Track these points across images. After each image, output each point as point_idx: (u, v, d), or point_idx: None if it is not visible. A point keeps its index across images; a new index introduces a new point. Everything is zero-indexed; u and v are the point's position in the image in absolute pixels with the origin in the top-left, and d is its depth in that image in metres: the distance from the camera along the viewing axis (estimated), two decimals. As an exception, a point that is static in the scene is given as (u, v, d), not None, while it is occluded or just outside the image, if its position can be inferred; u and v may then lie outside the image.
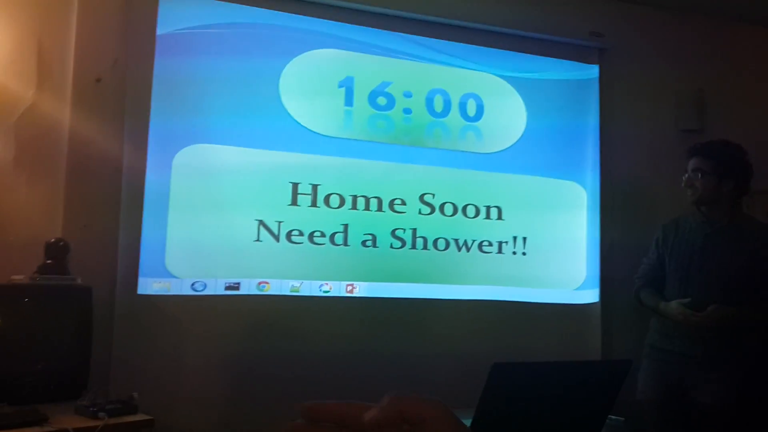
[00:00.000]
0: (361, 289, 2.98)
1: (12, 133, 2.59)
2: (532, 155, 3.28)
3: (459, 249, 3.11)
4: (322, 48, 3.02)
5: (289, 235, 2.89)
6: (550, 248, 3.27)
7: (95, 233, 2.62)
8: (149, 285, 2.68)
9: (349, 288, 2.96)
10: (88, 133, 2.69)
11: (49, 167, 2.64)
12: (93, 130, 2.70)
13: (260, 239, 2.84)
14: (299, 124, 2.95)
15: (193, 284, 2.75)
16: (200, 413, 2.64)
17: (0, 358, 2.19)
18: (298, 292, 2.88)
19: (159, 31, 2.79)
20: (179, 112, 2.80)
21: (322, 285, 2.92)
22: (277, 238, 2.87)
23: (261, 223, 2.85)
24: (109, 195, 2.67)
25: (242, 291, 2.81)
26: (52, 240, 2.44)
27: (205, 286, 2.76)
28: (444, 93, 3.18)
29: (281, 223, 2.88)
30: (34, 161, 2.62)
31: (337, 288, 2.94)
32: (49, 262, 2.41)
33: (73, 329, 2.35)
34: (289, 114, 2.94)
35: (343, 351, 2.89)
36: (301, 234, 2.90)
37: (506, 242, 3.19)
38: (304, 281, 2.89)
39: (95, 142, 2.68)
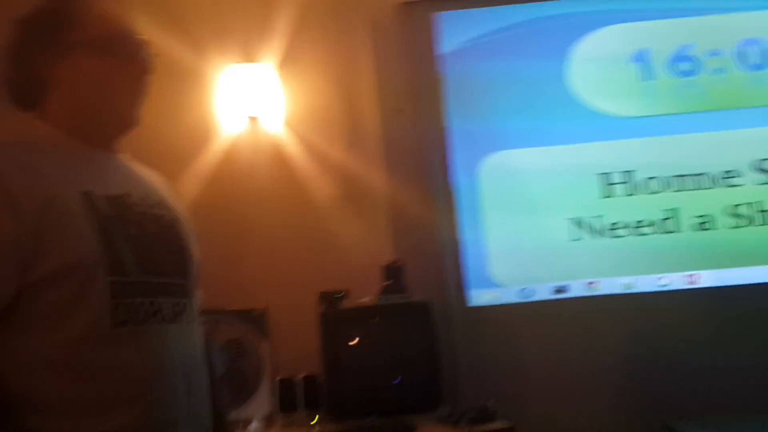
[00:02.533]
0: (705, 279, 2.67)
1: (335, 172, 2.82)
2: None
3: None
4: (605, 26, 2.85)
5: (610, 228, 2.72)
6: None
7: (422, 252, 2.72)
8: (479, 296, 2.70)
9: (691, 278, 2.67)
10: (399, 162, 2.83)
11: (371, 198, 2.81)
12: (402, 158, 2.84)
13: (580, 237, 2.71)
14: (596, 111, 2.80)
15: (520, 291, 2.71)
16: (554, 418, 2.54)
17: (365, 374, 2.34)
18: (631, 288, 2.68)
19: (444, 50, 2.86)
20: (477, 125, 2.83)
21: (659, 278, 2.67)
22: (598, 233, 2.71)
23: (577, 220, 2.73)
24: (427, 214, 2.76)
25: (571, 293, 2.69)
26: (389, 262, 2.57)
27: (533, 291, 2.70)
28: (758, 42, 2.79)
29: (600, 218, 2.72)
30: (358, 194, 2.81)
31: (676, 280, 2.68)
32: (389, 282, 2.54)
33: (421, 343, 2.43)
34: (583, 103, 2.80)
35: (691, 351, 2.60)
36: (624, 226, 2.71)
37: None
38: (637, 276, 2.68)
39: (406, 169, 2.82)
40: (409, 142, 2.86)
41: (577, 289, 2.70)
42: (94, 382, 1.04)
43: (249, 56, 2.77)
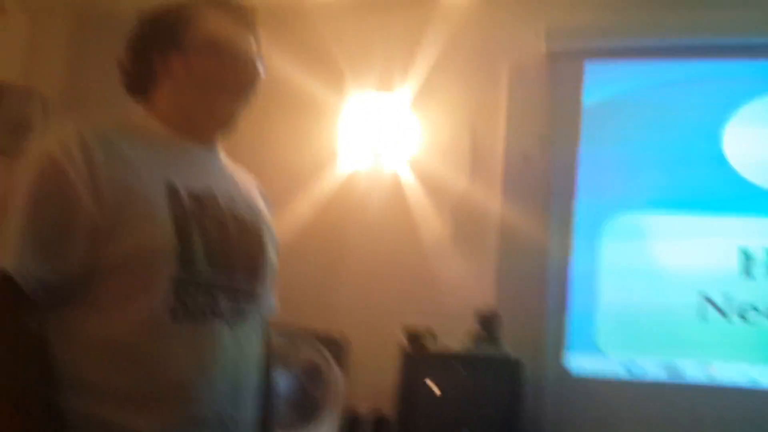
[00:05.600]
0: None
1: (450, 212, 2.76)
2: None
3: None
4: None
5: (740, 311, 2.41)
6: None
7: (525, 305, 2.58)
8: (578, 362, 2.51)
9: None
10: (517, 209, 2.72)
11: (481, 242, 2.72)
12: (521, 206, 2.73)
13: (704, 316, 2.44)
14: (748, 182, 2.51)
15: (626, 364, 2.47)
16: None
17: (439, 423, 2.25)
18: (758, 384, 2.35)
19: (585, 102, 2.72)
20: (606, 182, 2.66)
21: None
22: (725, 314, 2.42)
23: (705, 297, 2.45)
24: (536, 269, 2.62)
25: (684, 376, 2.41)
26: (486, 311, 2.46)
27: (640, 367, 2.46)
28: None
29: (730, 298, 2.43)
30: (469, 237, 2.73)
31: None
32: (482, 332, 2.43)
33: (505, 402, 2.29)
34: (735, 172, 2.53)
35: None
36: (755, 310, 2.40)
37: None
38: (764, 367, 2.35)
39: (524, 217, 2.70)
40: (533, 189, 2.74)
41: (691, 372, 2.41)
42: (142, 373, 1.05)
43: (384, 86, 2.80)
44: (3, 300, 1.02)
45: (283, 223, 2.56)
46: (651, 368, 2.46)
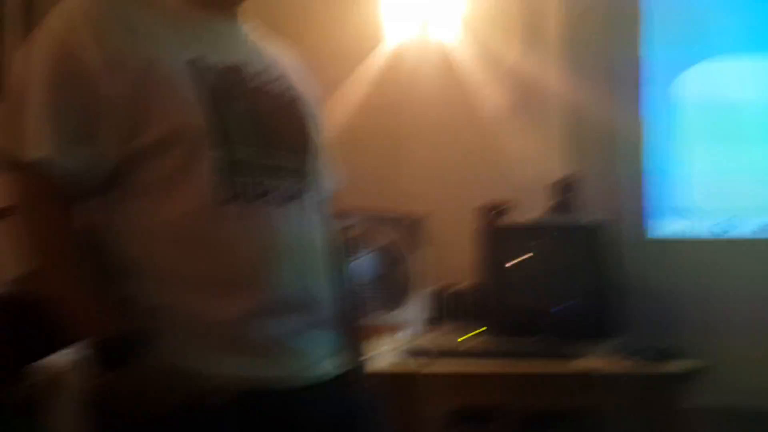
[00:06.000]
0: None
1: (504, 82, 2.59)
2: None
3: None
4: None
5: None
6: None
7: (600, 171, 2.43)
8: (661, 225, 2.39)
9: None
10: (579, 71, 2.53)
11: (547, 109, 2.55)
12: (583, 66, 2.54)
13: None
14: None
15: (715, 224, 2.34)
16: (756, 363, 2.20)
17: (525, 294, 2.18)
18: None
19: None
20: (680, 28, 2.45)
21: None
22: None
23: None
24: (606, 129, 2.45)
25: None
26: (558, 180, 2.33)
27: (731, 226, 2.33)
28: None
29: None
30: (532, 104, 2.57)
31: None
32: (558, 201, 2.30)
33: (590, 269, 2.20)
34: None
35: None
36: None
37: None
38: None
39: (587, 79, 2.51)
40: (596, 47, 2.53)
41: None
42: (204, 258, 0.99)
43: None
44: (37, 194, 0.98)
45: (335, 107, 2.47)
46: (742, 226, 2.33)
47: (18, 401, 1.47)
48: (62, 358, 1.37)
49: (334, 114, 2.45)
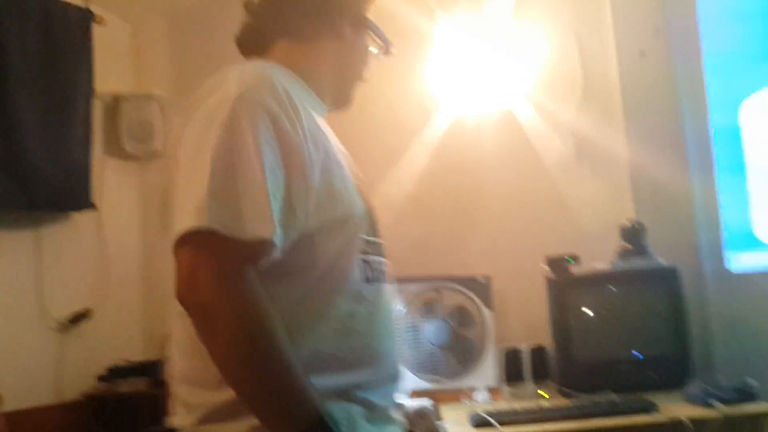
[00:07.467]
0: None
1: (568, 131, 2.62)
2: None
3: None
4: None
5: None
6: None
7: (667, 212, 2.43)
8: (739, 259, 2.35)
9: None
10: (640, 113, 2.55)
11: (608, 155, 2.57)
12: (644, 108, 2.55)
13: None
14: None
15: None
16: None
17: (599, 346, 2.19)
18: None
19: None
20: (739, 60, 2.43)
21: None
22: None
23: None
24: (675, 169, 2.45)
25: None
26: (628, 223, 2.35)
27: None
28: None
29: None
30: (593, 152, 2.59)
31: None
32: (627, 245, 2.32)
33: (666, 313, 2.19)
34: None
35: None
36: None
37: None
38: None
39: (650, 119, 2.53)
40: (654, 88, 2.55)
41: None
42: (344, 337, 1.03)
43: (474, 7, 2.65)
44: (250, 273, 0.92)
45: (400, 175, 2.58)
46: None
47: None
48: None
49: (399, 182, 2.61)
